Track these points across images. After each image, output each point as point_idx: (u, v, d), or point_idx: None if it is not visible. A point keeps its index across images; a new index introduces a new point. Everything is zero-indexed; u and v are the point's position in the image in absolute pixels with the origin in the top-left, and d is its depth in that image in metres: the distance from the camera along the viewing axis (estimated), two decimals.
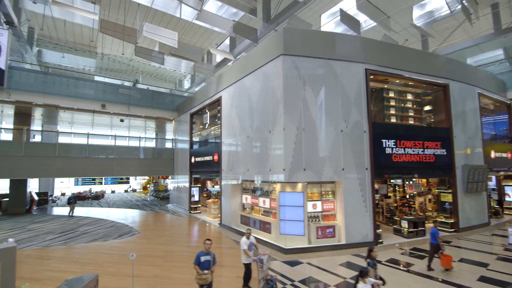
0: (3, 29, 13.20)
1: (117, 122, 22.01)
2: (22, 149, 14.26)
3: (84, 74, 19.05)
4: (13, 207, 16.84)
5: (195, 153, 15.52)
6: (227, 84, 12.06)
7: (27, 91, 14.32)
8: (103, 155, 16.72)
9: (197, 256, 4.99)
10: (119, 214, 16.43)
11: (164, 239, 10.20)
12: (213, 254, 5.07)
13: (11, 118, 19.30)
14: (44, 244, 9.44)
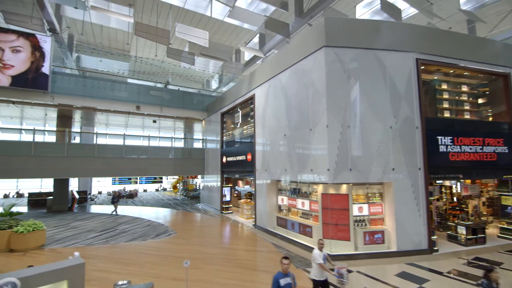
0: (46, 36, 13.91)
1: (148, 123, 22.60)
2: (65, 150, 14.99)
3: (119, 77, 19.72)
4: (57, 205, 17.81)
5: (227, 153, 15.35)
6: (261, 82, 11.68)
7: (68, 94, 15.01)
8: (138, 155, 17.17)
9: (275, 280, 4.09)
10: (154, 213, 16.75)
11: (200, 240, 10.07)
12: (293, 275, 4.24)
13: (54, 121, 20.53)
14: (87, 242, 9.70)
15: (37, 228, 8.85)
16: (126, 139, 17.28)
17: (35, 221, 9.02)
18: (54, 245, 9.38)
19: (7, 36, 13.06)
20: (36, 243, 8.87)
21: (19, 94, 13.77)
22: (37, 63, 13.54)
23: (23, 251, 8.58)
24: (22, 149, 14.16)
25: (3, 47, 12.94)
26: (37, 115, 18.83)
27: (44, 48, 13.75)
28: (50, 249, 8.87)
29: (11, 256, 8.21)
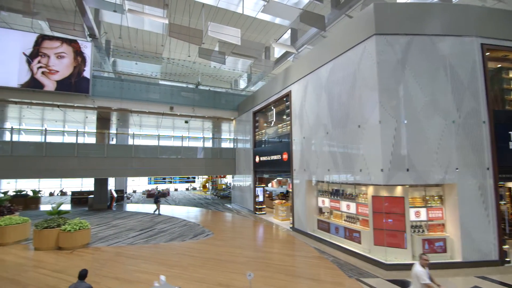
0: (87, 41, 14.48)
1: (179, 124, 23.01)
2: (105, 151, 15.57)
3: (152, 79, 20.19)
4: (97, 203, 18.62)
5: (260, 152, 15.00)
6: (298, 78, 11.15)
7: (107, 97, 15.54)
8: (171, 156, 17.42)
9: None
10: (187, 212, 16.88)
11: (239, 242, 9.79)
12: None
13: (93, 123, 21.57)
14: (129, 242, 9.83)
15: (83, 227, 9.10)
16: (158, 140, 17.66)
17: (81, 220, 9.29)
18: (98, 243, 9.61)
19: (52, 43, 13.77)
20: (82, 241, 9.12)
21: (63, 98, 14.48)
22: (79, 68, 14.15)
23: (71, 249, 8.85)
24: (66, 150, 14.91)
25: (48, 54, 13.66)
26: (78, 118, 19.86)
27: (85, 53, 14.33)
28: (95, 248, 9.07)
29: (60, 254, 8.49)
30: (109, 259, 7.86)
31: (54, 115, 19.54)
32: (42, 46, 13.60)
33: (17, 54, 13.15)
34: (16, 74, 13.06)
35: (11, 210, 10.61)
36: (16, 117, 19.79)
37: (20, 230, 9.81)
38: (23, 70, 13.18)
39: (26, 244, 9.56)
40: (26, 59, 13.27)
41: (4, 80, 12.89)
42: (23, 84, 13.16)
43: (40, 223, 8.96)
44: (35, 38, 13.53)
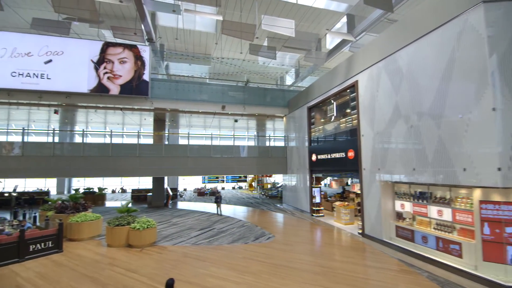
0: (145, 46, 15.05)
1: (225, 124, 23.09)
2: (162, 151, 16.09)
3: (204, 80, 20.45)
4: (155, 201, 19.47)
5: (317, 150, 14.01)
6: (366, 66, 9.94)
7: (163, 99, 16.01)
8: (224, 155, 17.37)
9: None
10: (241, 212, 16.64)
11: (306, 248, 9.02)
12: None
13: (149, 125, 22.72)
14: (192, 241, 9.72)
15: (150, 225, 9.21)
16: (211, 139, 17.75)
17: (148, 219, 9.43)
18: (163, 242, 9.67)
19: (115, 49, 14.57)
20: (150, 240, 9.23)
21: (125, 101, 15.27)
22: (139, 72, 14.76)
23: (140, 247, 9.00)
24: (129, 150, 15.74)
25: (112, 60, 14.48)
26: (136, 120, 21.03)
27: (144, 57, 14.90)
28: (161, 247, 9.11)
29: (130, 251, 8.65)
30: (177, 260, 7.72)
31: (115, 119, 21.01)
32: (107, 52, 14.47)
33: (86, 62, 14.16)
34: (86, 80, 14.07)
35: (85, 207, 11.33)
36: (83, 121, 21.76)
37: (94, 226, 10.38)
38: (91, 76, 14.15)
39: (99, 240, 10.05)
40: (93, 65, 14.23)
41: (76, 86, 13.97)
42: (91, 89, 14.13)
43: (112, 221, 9.30)
44: (101, 45, 14.45)
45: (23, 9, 13.69)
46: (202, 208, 18.23)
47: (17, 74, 13.29)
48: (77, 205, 11.07)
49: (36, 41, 13.65)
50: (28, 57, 13.48)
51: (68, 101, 14.53)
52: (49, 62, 13.70)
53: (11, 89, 13.39)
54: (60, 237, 8.62)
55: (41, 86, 13.54)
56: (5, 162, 13.93)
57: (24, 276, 6.67)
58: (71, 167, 14.69)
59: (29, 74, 13.41)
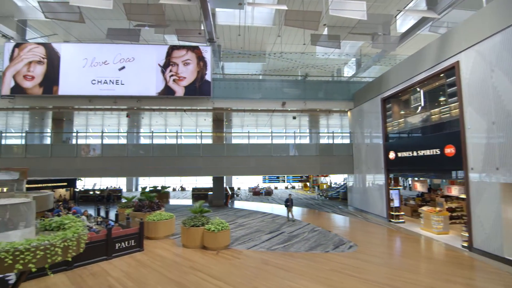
0: (207, 46, 15.09)
1: (277, 122, 22.32)
2: (224, 151, 16.04)
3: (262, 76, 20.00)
4: (216, 200, 19.68)
5: (397, 147, 12.28)
6: (475, 41, 8.09)
7: (223, 98, 15.92)
8: (283, 153, 16.62)
9: None
10: (305, 214, 15.70)
11: (402, 262, 7.68)
12: None
13: (206, 126, 23.20)
14: (266, 246, 9.14)
15: (224, 227, 8.88)
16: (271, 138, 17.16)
17: (221, 220, 9.13)
18: (236, 245, 9.28)
19: (179, 52, 14.91)
20: (224, 242, 8.91)
21: (188, 102, 15.56)
22: (201, 72, 14.87)
23: (215, 249, 8.72)
24: (193, 151, 16.05)
25: (177, 62, 14.84)
26: (195, 121, 21.61)
27: (206, 57, 14.96)
28: (236, 251, 8.69)
29: (207, 254, 8.40)
30: (258, 268, 7.15)
31: (175, 121, 21.92)
32: (172, 56, 14.88)
33: (154, 66, 14.76)
34: (154, 84, 14.66)
35: (159, 206, 11.65)
36: (147, 123, 23.20)
37: (168, 225, 10.53)
38: (159, 80, 14.70)
39: (173, 240, 10.14)
40: (160, 69, 14.76)
41: (146, 90, 14.65)
42: (159, 92, 14.68)
43: (187, 221, 9.23)
44: (166, 49, 14.93)
45: (102, 20, 14.84)
46: (263, 209, 17.78)
47: (96, 81, 14.46)
48: (152, 204, 11.44)
49: (111, 50, 14.68)
50: (105, 65, 14.57)
51: (139, 105, 15.36)
52: (122, 69, 14.62)
53: (92, 95, 14.63)
54: (141, 236, 8.82)
55: (116, 91, 14.52)
56: (86, 163, 15.34)
57: (114, 276, 6.79)
58: (143, 166, 15.53)
59: (106, 81, 14.49)
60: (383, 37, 15.97)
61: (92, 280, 6.55)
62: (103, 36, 16.09)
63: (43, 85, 14.24)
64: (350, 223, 13.17)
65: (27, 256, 3.73)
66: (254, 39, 18.82)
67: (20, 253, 3.69)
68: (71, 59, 14.49)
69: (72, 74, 14.40)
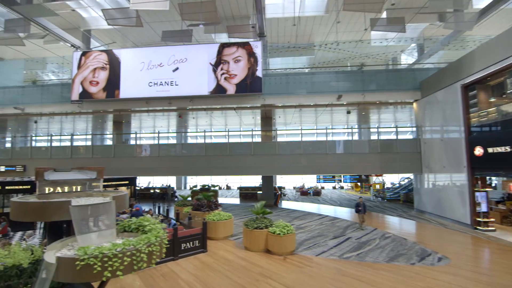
0: (257, 41, 14.61)
1: (321, 119, 20.94)
2: (275, 149, 15.43)
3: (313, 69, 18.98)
4: (265, 199, 19.11)
5: (487, 141, 10.35)
6: None
7: (273, 94, 15.29)
8: (339, 151, 15.41)
9: None
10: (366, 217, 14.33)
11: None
12: None
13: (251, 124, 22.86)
14: (336, 253, 8.26)
15: (289, 231, 8.22)
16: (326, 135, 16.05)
17: (285, 223, 8.49)
18: (302, 251, 8.56)
19: (230, 49, 14.67)
20: (290, 247, 8.27)
21: (239, 100, 15.27)
22: (252, 69, 14.44)
23: (280, 254, 8.11)
24: (244, 149, 15.75)
25: (228, 60, 14.62)
26: (246, 119, 21.40)
27: (256, 53, 14.49)
28: (305, 257, 7.97)
29: (273, 259, 7.83)
30: (336, 279, 6.33)
31: (222, 120, 21.97)
32: (223, 54, 14.71)
33: (206, 65, 14.74)
34: (206, 83, 14.64)
35: (216, 205, 11.47)
36: (196, 124, 23.65)
37: (228, 226, 10.25)
38: (211, 79, 14.64)
39: (233, 241, 9.80)
40: (212, 68, 14.69)
41: (198, 89, 14.70)
42: (211, 91, 14.62)
43: (249, 223, 8.79)
44: (217, 48, 14.80)
45: (156, 23, 15.30)
46: (315, 210, 16.82)
47: (153, 83, 14.93)
48: (210, 203, 11.31)
49: (165, 52, 15.03)
50: (160, 68, 14.97)
51: (191, 105, 15.52)
52: (176, 70, 14.88)
53: (148, 97, 15.15)
54: (204, 236, 8.61)
55: (171, 92, 14.82)
56: (144, 162, 15.96)
57: (184, 278, 6.57)
58: (195, 165, 15.69)
59: (161, 82, 14.88)
60: (456, 15, 13.85)
61: (163, 282, 6.40)
62: (157, 40, 16.62)
63: (106, 90, 15.16)
64: (426, 229, 11.54)
65: (115, 262, 3.47)
66: (303, 31, 17.86)
67: (108, 259, 3.44)
68: (130, 63, 15.19)
69: (131, 77, 15.08)
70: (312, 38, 18.61)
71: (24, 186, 12.45)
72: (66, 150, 16.58)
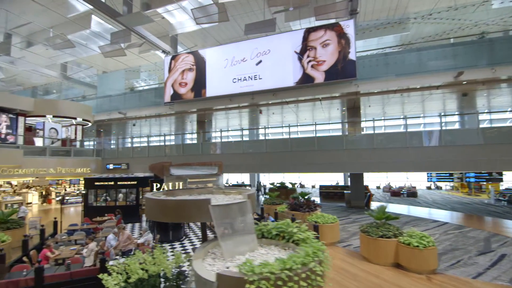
0: (348, 20, 12.86)
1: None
2: (373, 142, 13.36)
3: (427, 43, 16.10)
4: (355, 200, 17.17)
5: None
6: None
7: (368, 79, 13.23)
8: (460, 142, 12.37)
9: None
10: (503, 227, 11.11)
11: None
12: None
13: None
14: (502, 278, 6.09)
15: (430, 242, 6.42)
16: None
17: (423, 233, 6.71)
18: (446, 269, 6.63)
19: (316, 33, 13.31)
20: (433, 264, 6.45)
21: (326, 89, 13.75)
22: (343, 52, 12.78)
23: (419, 272, 6.39)
24: (334, 144, 14.20)
25: (315, 45, 13.28)
26: (326, 112, 19.69)
27: (348, 33, 12.76)
28: (458, 279, 6.07)
29: (413, 278, 6.19)
30: None
31: (305, 115, 20.64)
32: (309, 39, 13.44)
33: (291, 54, 13.71)
34: (291, 73, 13.61)
35: (316, 206, 10.30)
36: (276, 120, 22.93)
37: (334, 230, 8.96)
38: (296, 68, 13.55)
39: (345, 249, 8.44)
40: (297, 56, 13.57)
41: (283, 81, 13.78)
42: (297, 81, 13.52)
43: (371, 229, 7.30)
44: (302, 34, 13.61)
45: (239, 16, 14.99)
46: (425, 214, 14.09)
47: (237, 79, 14.67)
48: (310, 203, 10.21)
49: (248, 46, 14.59)
50: (243, 62, 14.60)
51: (274, 98, 14.72)
52: (259, 63, 14.29)
53: (233, 94, 14.97)
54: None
55: (255, 87, 14.30)
56: (228, 159, 15.82)
57: None
58: (280, 162, 14.84)
59: (245, 77, 14.49)
60: None
61: None
62: (239, 35, 16.40)
63: (194, 90, 15.61)
64: None
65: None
66: (396, 3, 15.17)
67: (283, 284, 2.54)
68: (214, 61, 15.29)
69: (216, 75, 15.16)
70: (408, 9, 15.70)
71: (131, 182, 13.65)
72: (160, 149, 17.86)
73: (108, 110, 19.42)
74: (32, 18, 14.20)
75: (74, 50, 16.85)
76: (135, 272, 3.21)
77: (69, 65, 20.80)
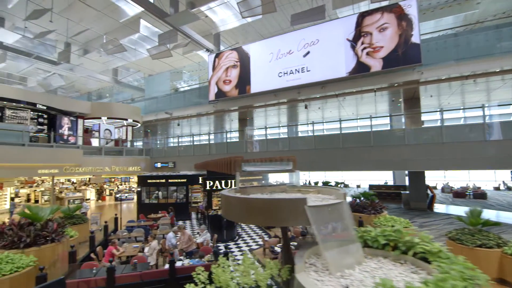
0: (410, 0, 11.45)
1: None
2: (442, 136, 11.77)
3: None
4: (414, 201, 15.49)
5: None
6: None
7: (437, 64, 11.66)
8: None
9: None
10: None
11: None
12: None
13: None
14: None
15: None
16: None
17: None
18: None
19: (372, 17, 12.13)
20: None
21: (383, 79, 12.46)
22: (404, 35, 11.44)
23: None
24: (392, 139, 12.84)
25: (370, 31, 12.11)
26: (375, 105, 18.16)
27: (410, 14, 11.37)
28: None
29: None
30: None
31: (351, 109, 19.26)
32: (363, 25, 12.30)
33: (342, 43, 12.71)
34: (344, 63, 12.60)
35: (381, 208, 9.24)
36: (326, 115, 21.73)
37: None
38: (349, 57, 12.51)
39: None
40: (350, 44, 12.51)
41: (334, 72, 12.84)
42: (350, 71, 12.48)
43: (463, 237, 6.15)
44: (355, 19, 12.51)
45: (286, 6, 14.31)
46: (508, 220, 12.07)
47: (283, 73, 14.05)
48: (375, 204, 9.22)
49: (294, 37, 13.88)
50: (290, 55, 13.93)
51: (323, 92, 13.79)
52: (307, 54, 13.50)
53: (278, 89, 14.36)
54: None
55: (302, 80, 13.55)
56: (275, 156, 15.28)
57: None
58: (330, 160, 13.88)
59: (292, 71, 13.81)
60: None
61: None
62: (284, 26, 15.68)
63: (238, 87, 15.34)
64: None
65: None
66: None
67: None
68: (258, 56, 14.85)
69: (261, 70, 14.70)
70: None
71: (181, 180, 13.82)
72: (204, 148, 17.96)
73: (155, 111, 20.11)
74: (89, 25, 15.06)
75: (124, 54, 17.65)
76: (225, 285, 2.74)
77: (119, 69, 21.98)
